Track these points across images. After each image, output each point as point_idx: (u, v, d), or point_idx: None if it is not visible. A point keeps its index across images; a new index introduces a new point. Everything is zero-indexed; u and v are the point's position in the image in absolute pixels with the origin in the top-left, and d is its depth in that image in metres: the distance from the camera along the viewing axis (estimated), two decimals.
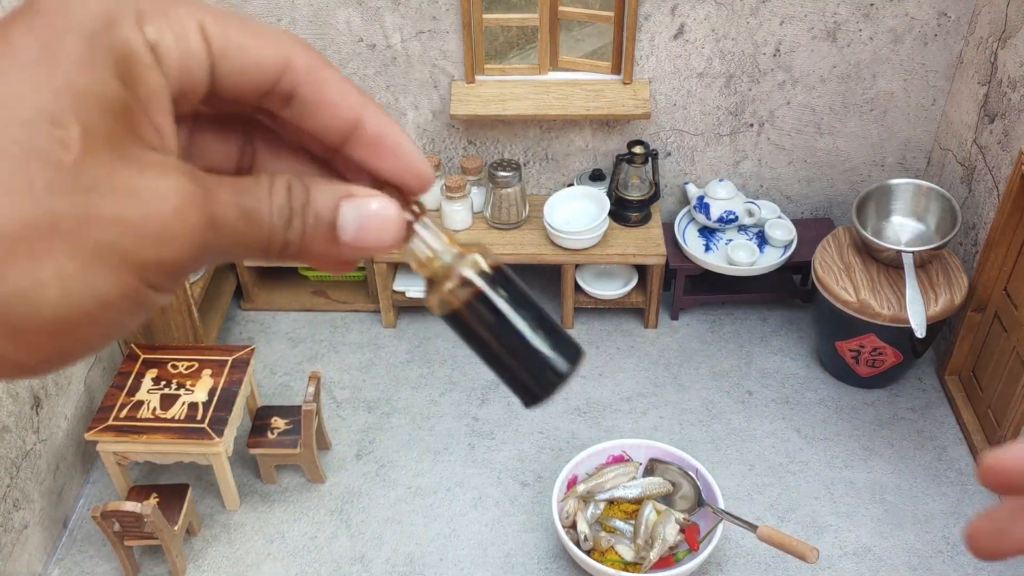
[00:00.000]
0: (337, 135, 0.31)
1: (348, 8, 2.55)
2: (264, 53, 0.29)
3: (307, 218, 0.30)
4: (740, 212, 2.70)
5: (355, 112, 0.31)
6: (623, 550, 2.10)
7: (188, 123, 0.32)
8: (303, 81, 0.30)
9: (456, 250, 0.34)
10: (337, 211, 0.30)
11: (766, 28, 2.55)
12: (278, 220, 0.29)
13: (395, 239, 0.32)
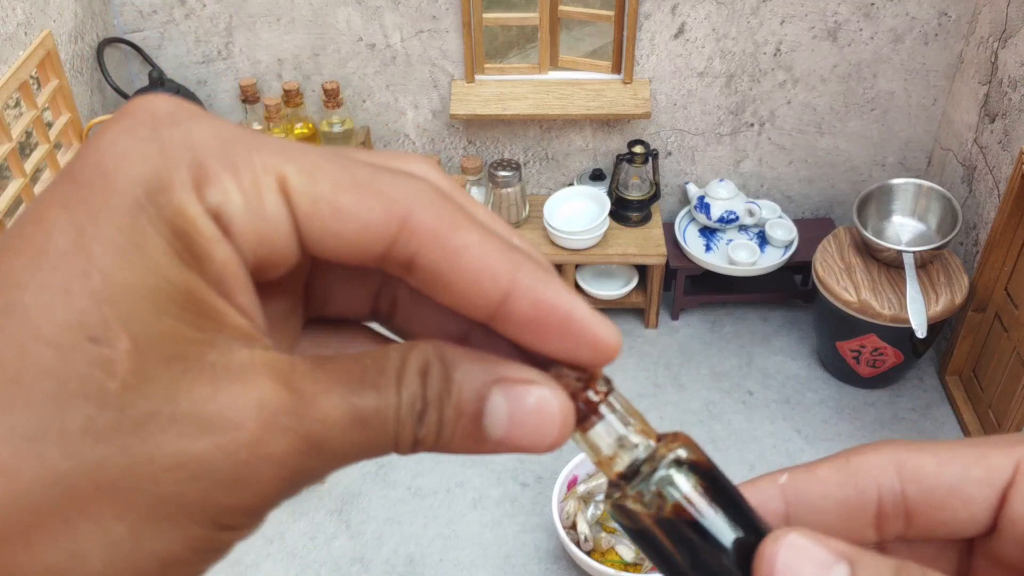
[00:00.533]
0: (479, 312, 0.23)
1: (348, 7, 2.55)
2: (368, 215, 0.21)
3: (445, 411, 0.22)
4: (741, 212, 2.70)
5: (501, 283, 0.22)
6: (623, 550, 2.10)
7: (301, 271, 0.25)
8: (426, 248, 0.22)
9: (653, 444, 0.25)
10: (484, 401, 0.23)
11: (767, 28, 2.55)
12: (407, 417, 0.22)
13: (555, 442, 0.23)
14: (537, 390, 0.23)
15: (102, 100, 2.51)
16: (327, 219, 0.21)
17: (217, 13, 2.57)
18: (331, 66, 2.66)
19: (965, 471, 0.24)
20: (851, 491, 0.25)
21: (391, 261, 0.22)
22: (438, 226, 0.22)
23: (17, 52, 2.07)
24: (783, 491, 0.26)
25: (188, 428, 0.20)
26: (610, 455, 0.25)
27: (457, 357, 0.23)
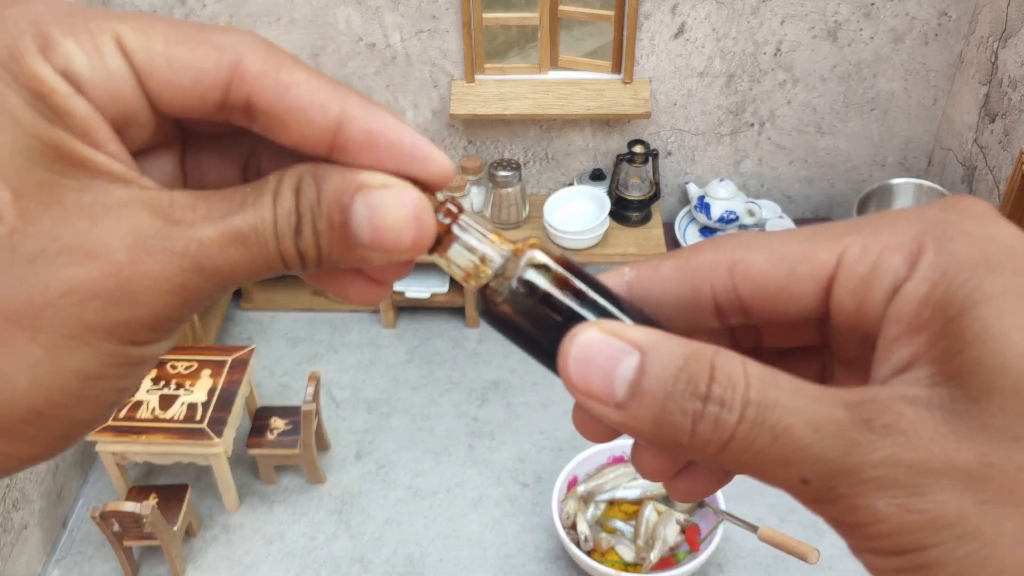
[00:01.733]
0: (319, 145, 0.25)
1: (348, 7, 2.55)
2: (201, 63, 0.24)
3: (318, 223, 0.24)
4: (741, 212, 2.70)
5: (330, 113, 0.24)
6: (623, 551, 2.10)
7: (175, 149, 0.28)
8: (257, 89, 0.24)
9: (508, 249, 0.28)
10: (349, 209, 0.24)
11: (767, 27, 2.55)
12: (285, 230, 0.24)
13: (418, 237, 0.25)
14: (392, 192, 0.24)
15: None
16: (164, 71, 0.23)
17: (217, 13, 2.57)
18: (331, 66, 2.66)
19: (792, 269, 0.25)
20: (688, 289, 0.26)
21: (230, 108, 0.24)
22: (266, 68, 0.24)
23: None
24: (629, 286, 0.27)
25: (73, 258, 0.22)
26: (473, 268, 0.28)
27: (326, 171, 0.24)
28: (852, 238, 0.25)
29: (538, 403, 2.61)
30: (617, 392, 0.24)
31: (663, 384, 0.23)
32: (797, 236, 0.26)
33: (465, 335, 2.83)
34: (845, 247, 0.24)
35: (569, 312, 0.26)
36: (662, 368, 0.23)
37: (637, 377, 0.23)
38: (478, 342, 2.80)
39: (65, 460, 2.31)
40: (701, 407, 0.23)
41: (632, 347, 0.24)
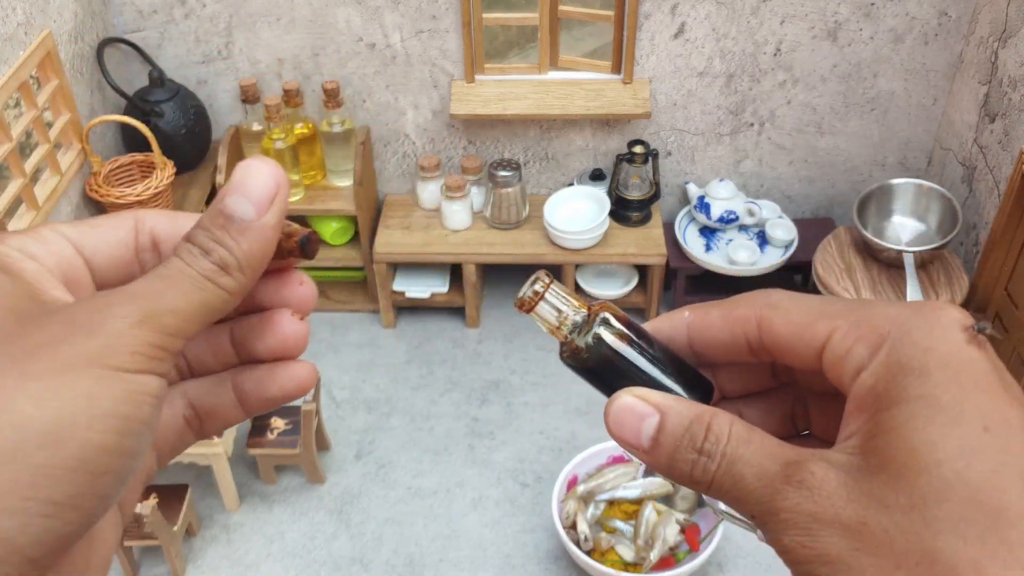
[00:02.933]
0: None
1: (348, 7, 2.55)
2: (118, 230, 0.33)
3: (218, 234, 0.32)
4: (741, 212, 2.70)
5: None
6: (623, 551, 2.10)
7: None
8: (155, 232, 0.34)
9: (584, 311, 0.36)
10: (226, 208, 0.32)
11: (767, 27, 2.55)
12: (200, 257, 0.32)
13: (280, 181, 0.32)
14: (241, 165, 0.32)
15: (102, 100, 2.51)
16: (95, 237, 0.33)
17: (217, 13, 2.57)
18: (331, 66, 2.66)
19: (799, 334, 0.33)
20: (728, 334, 0.35)
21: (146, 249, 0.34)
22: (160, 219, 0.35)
23: (17, 52, 2.07)
24: (688, 326, 0.36)
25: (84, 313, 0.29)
26: (555, 326, 0.37)
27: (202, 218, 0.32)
28: (841, 322, 0.32)
29: (538, 403, 2.61)
30: (643, 443, 0.32)
31: (674, 440, 0.32)
32: (807, 307, 0.33)
33: (465, 335, 2.83)
34: (834, 328, 0.32)
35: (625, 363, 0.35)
36: (673, 428, 0.32)
37: (656, 434, 0.32)
38: (478, 342, 2.80)
39: None
40: (696, 458, 0.31)
41: (655, 410, 0.32)
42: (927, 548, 0.26)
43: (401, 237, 2.72)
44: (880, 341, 0.30)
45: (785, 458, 0.30)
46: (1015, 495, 0.26)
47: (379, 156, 2.85)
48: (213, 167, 2.66)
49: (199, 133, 2.59)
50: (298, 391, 0.35)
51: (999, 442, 0.27)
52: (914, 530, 0.27)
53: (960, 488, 0.27)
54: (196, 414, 0.35)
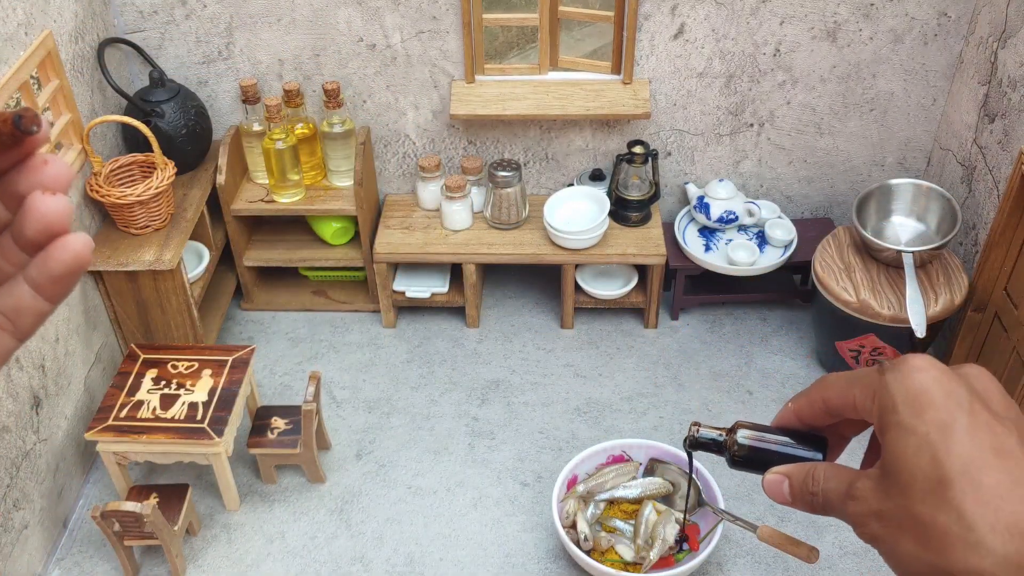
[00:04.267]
0: None
1: (348, 8, 2.55)
2: None
3: None
4: (740, 212, 2.70)
5: None
6: (623, 550, 2.10)
7: None
8: None
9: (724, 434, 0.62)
10: None
11: (766, 28, 2.55)
12: None
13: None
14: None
15: (103, 100, 2.52)
16: None
17: (218, 13, 2.58)
18: (332, 66, 2.67)
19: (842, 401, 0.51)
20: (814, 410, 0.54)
21: None
22: None
23: (18, 52, 2.07)
24: (794, 413, 0.56)
25: None
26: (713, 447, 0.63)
27: None
28: (856, 391, 0.50)
29: (538, 403, 2.61)
30: (786, 497, 0.53)
31: (798, 490, 0.53)
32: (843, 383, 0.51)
33: (465, 335, 2.83)
34: (855, 395, 0.50)
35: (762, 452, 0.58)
36: (795, 483, 0.53)
37: (789, 490, 0.53)
38: (478, 342, 2.80)
39: (66, 460, 2.31)
40: (811, 498, 0.52)
41: (784, 477, 0.54)
42: (912, 515, 0.43)
43: (401, 237, 2.72)
44: (873, 394, 0.48)
45: (848, 481, 0.49)
46: (949, 469, 0.42)
47: (379, 156, 2.86)
48: (214, 167, 2.66)
49: (200, 133, 2.59)
50: (75, 261, 0.39)
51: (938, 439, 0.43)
52: (902, 506, 0.44)
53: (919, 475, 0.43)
54: (6, 318, 0.41)
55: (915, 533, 0.43)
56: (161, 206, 2.41)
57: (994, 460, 0.42)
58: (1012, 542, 0.40)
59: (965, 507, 0.42)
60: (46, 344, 2.20)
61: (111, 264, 2.36)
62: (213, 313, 2.76)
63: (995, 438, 0.43)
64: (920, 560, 0.43)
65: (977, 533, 0.41)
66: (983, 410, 0.44)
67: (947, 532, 0.42)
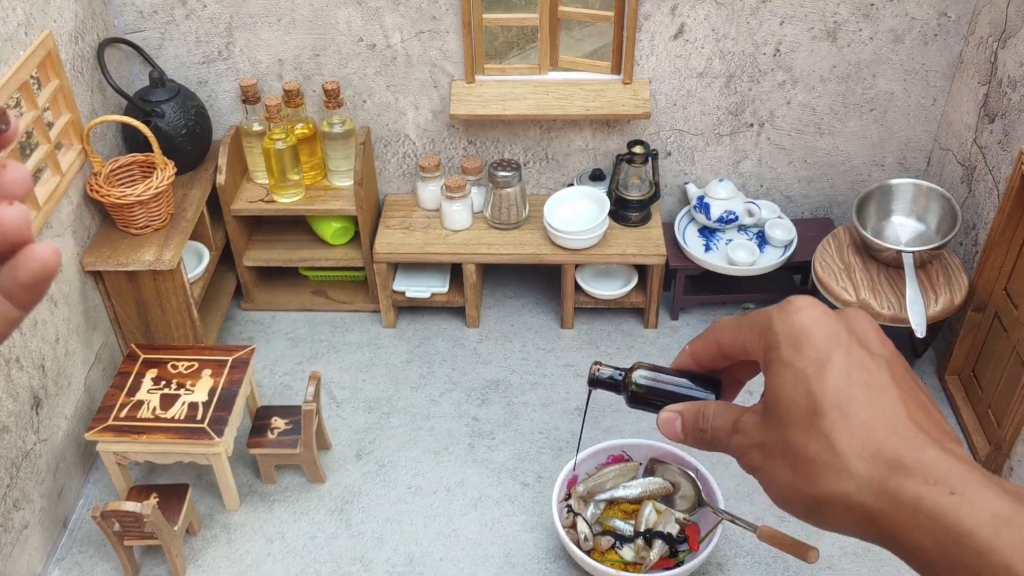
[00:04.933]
0: None
1: (348, 8, 2.55)
2: None
3: None
4: (740, 212, 2.70)
5: None
6: (623, 551, 2.10)
7: None
8: None
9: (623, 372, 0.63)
10: None
11: (766, 28, 2.55)
12: None
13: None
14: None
15: (103, 100, 2.52)
16: None
17: (217, 13, 2.58)
18: (331, 66, 2.67)
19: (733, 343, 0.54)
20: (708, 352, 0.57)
21: None
22: None
23: (18, 52, 2.07)
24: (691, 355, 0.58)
25: None
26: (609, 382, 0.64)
27: None
28: (744, 331, 0.52)
29: (538, 403, 2.61)
30: (678, 433, 0.56)
31: (690, 426, 0.55)
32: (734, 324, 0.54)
33: (465, 335, 2.83)
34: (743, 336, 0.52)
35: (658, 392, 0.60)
36: (687, 420, 0.55)
37: (681, 427, 0.56)
38: (478, 342, 2.81)
39: (66, 460, 2.31)
40: (700, 434, 0.54)
41: (677, 414, 0.56)
42: (786, 443, 0.47)
43: (401, 237, 2.72)
44: (760, 333, 0.50)
45: (734, 417, 0.52)
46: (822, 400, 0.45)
47: (379, 156, 2.86)
48: (214, 167, 2.66)
49: (200, 133, 2.59)
50: (44, 269, 0.41)
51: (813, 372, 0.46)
52: (779, 436, 0.47)
53: (794, 405, 0.46)
54: None
55: (789, 461, 0.46)
56: (161, 206, 2.41)
57: (864, 394, 0.45)
58: (875, 468, 0.43)
59: (834, 436, 0.44)
60: (46, 344, 2.20)
61: (111, 264, 2.36)
62: (213, 313, 2.76)
63: (868, 374, 0.46)
64: (792, 487, 0.46)
65: (843, 459, 0.44)
66: (859, 348, 0.47)
67: (817, 459, 0.45)
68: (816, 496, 0.45)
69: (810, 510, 0.46)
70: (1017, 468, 2.23)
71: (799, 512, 0.47)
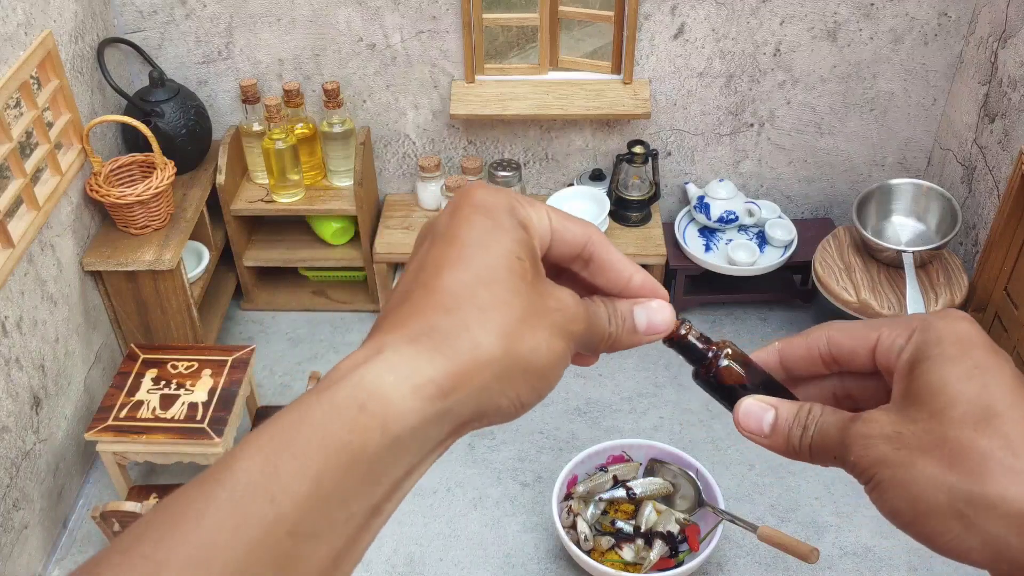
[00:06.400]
0: (616, 288, 0.48)
1: (348, 8, 2.55)
2: (577, 232, 0.46)
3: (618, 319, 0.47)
4: (740, 212, 2.70)
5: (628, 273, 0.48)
6: (623, 551, 2.10)
7: None
8: (598, 252, 0.47)
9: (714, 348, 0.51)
10: (632, 313, 0.47)
11: (766, 28, 2.55)
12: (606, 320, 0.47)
13: (671, 324, 0.49)
14: (656, 301, 0.48)
15: (102, 100, 2.52)
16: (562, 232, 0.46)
17: (217, 13, 2.58)
18: (331, 66, 2.66)
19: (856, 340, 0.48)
20: (807, 351, 0.50)
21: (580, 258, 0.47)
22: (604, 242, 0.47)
23: (17, 52, 2.07)
24: (778, 352, 0.52)
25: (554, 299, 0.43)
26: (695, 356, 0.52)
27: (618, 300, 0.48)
28: (884, 329, 0.47)
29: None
30: (765, 429, 0.48)
31: (786, 423, 0.48)
32: (860, 324, 0.48)
33: None
34: (881, 331, 0.47)
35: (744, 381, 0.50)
36: (784, 415, 0.48)
37: (773, 422, 0.48)
38: None
39: (66, 460, 2.31)
40: (801, 432, 0.47)
41: (771, 407, 0.49)
42: (943, 437, 0.41)
43: (401, 237, 2.72)
44: (911, 331, 0.45)
45: (848, 416, 0.46)
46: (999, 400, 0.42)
47: (379, 156, 2.86)
48: (213, 167, 2.66)
49: (199, 133, 2.59)
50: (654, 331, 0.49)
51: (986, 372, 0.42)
52: (933, 429, 0.42)
53: (963, 399, 0.42)
54: None
55: (942, 455, 0.41)
56: (161, 206, 2.41)
57: None
58: None
59: (1014, 436, 0.41)
60: (46, 344, 2.20)
61: (111, 264, 2.36)
62: (213, 313, 2.76)
63: None
64: (940, 482, 0.41)
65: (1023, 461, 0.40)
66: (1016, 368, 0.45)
67: (989, 456, 0.40)
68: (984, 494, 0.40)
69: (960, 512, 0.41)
70: None
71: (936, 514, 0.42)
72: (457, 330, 0.40)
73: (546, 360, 0.42)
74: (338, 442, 0.36)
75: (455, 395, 0.39)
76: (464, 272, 0.41)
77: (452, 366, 0.39)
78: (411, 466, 0.39)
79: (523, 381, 0.41)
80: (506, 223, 0.43)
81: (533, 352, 0.41)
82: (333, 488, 0.36)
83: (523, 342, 0.41)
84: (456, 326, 0.40)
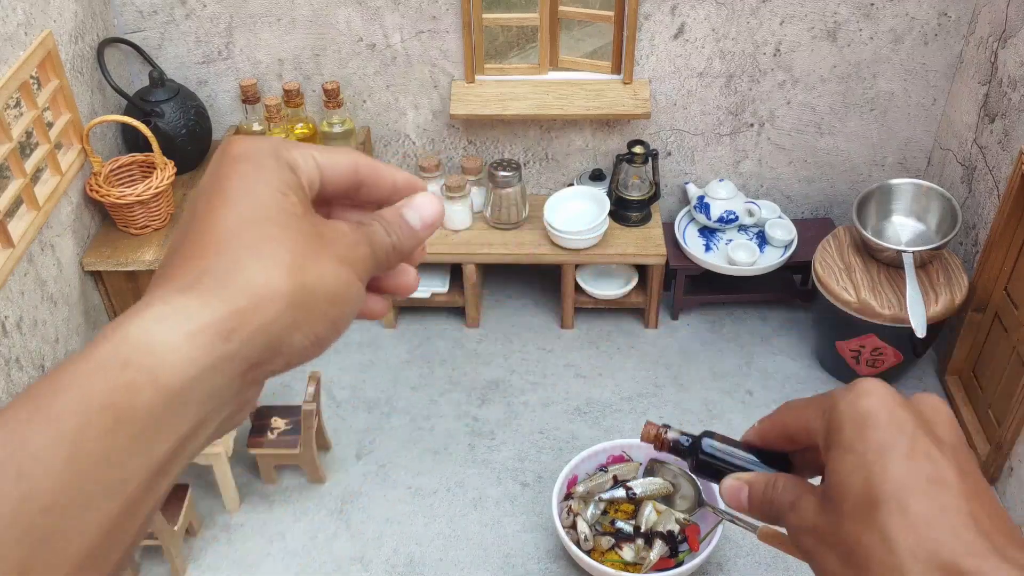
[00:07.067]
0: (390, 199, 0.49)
1: (348, 8, 2.55)
2: (344, 161, 0.47)
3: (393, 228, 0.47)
4: (740, 212, 2.70)
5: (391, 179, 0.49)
6: (623, 551, 2.10)
7: None
8: (365, 173, 0.48)
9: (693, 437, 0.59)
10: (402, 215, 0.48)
11: (766, 28, 2.55)
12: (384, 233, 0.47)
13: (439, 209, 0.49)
14: (420, 195, 0.49)
15: (102, 100, 2.52)
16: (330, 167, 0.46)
17: (217, 13, 2.58)
18: (331, 66, 2.66)
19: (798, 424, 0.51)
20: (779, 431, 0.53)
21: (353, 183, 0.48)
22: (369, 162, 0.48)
23: (17, 52, 2.07)
24: (757, 433, 0.55)
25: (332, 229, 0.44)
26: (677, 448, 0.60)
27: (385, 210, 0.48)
28: (811, 410, 0.49)
29: (538, 403, 2.61)
30: (744, 505, 0.52)
31: (757, 499, 0.51)
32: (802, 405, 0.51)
33: (465, 335, 2.83)
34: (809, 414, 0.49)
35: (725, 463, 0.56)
36: (754, 491, 0.51)
37: (748, 498, 0.52)
38: (478, 342, 2.80)
39: None
40: (768, 504, 0.50)
41: (745, 484, 0.52)
42: (839, 532, 0.44)
43: None
44: (823, 414, 0.48)
45: (796, 494, 0.49)
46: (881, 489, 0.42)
47: (379, 156, 2.86)
48: None
49: (199, 133, 2.59)
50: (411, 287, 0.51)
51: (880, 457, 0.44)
52: (833, 523, 0.44)
53: (851, 493, 0.44)
54: None
55: (840, 551, 0.44)
56: (161, 206, 2.41)
57: (926, 487, 0.42)
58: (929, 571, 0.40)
59: (890, 529, 0.42)
60: (46, 344, 2.20)
61: (111, 264, 2.36)
62: None
63: (932, 465, 0.43)
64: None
65: (898, 557, 0.41)
66: (925, 437, 0.45)
67: (870, 553, 0.42)
68: None
69: None
70: (1017, 468, 2.22)
71: None
72: (229, 270, 0.39)
73: (334, 288, 0.42)
74: (99, 403, 0.34)
75: (237, 335, 0.38)
76: (230, 214, 0.41)
77: (228, 307, 0.38)
78: (200, 419, 0.37)
79: (314, 313, 0.41)
80: (270, 164, 0.43)
81: (319, 281, 0.41)
82: (99, 452, 0.34)
83: (305, 273, 0.40)
84: (227, 266, 0.39)
